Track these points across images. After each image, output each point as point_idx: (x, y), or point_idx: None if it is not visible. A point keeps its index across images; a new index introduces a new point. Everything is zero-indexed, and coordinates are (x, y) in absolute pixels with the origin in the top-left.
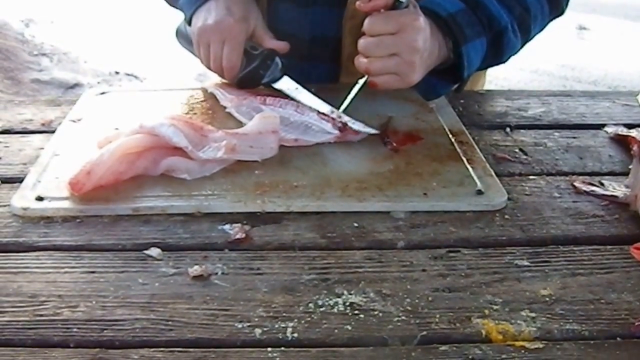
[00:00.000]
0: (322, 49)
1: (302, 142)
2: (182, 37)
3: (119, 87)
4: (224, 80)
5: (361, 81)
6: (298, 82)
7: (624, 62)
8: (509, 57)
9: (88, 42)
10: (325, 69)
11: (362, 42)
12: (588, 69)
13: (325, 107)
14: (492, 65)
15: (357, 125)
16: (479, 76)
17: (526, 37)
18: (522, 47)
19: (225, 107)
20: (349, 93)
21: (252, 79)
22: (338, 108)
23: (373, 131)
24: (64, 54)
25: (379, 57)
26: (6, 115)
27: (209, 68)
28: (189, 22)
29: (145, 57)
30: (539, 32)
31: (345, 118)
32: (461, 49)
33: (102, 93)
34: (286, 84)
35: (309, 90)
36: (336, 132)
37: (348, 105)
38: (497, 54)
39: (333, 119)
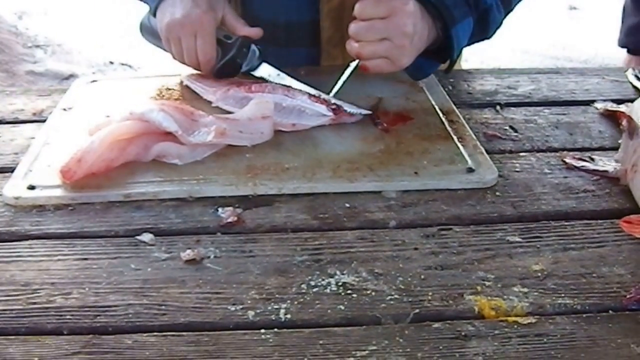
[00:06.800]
0: (299, 34)
1: (299, 126)
2: (148, 31)
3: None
4: (196, 72)
5: (353, 65)
6: (277, 68)
7: (614, 42)
8: (494, 33)
9: (82, 33)
10: (304, 53)
11: (353, 26)
12: (579, 48)
13: (312, 91)
14: (478, 42)
15: (347, 107)
16: None
17: (508, 10)
18: (504, 19)
19: (211, 103)
20: (340, 77)
21: (230, 69)
22: (329, 92)
23: (365, 112)
24: (58, 45)
25: (370, 42)
26: None
27: (183, 63)
28: (154, 15)
29: (139, 46)
30: (519, 2)
31: (335, 101)
32: (451, 32)
33: (93, 81)
34: (266, 71)
35: (290, 75)
36: (331, 114)
37: (339, 89)
38: (483, 31)
39: (325, 100)
